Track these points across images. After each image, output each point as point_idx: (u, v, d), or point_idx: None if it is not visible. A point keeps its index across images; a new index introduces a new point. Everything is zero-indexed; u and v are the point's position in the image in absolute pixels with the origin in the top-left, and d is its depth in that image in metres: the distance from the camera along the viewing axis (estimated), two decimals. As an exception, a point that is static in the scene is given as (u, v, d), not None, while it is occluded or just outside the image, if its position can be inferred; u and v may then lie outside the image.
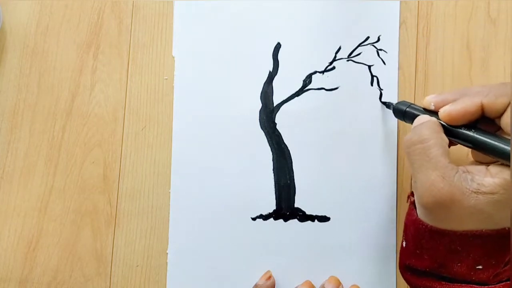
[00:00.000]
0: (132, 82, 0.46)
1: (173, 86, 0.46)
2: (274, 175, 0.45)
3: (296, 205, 0.45)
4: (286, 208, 0.45)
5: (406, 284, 0.44)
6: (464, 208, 0.32)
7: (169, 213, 0.45)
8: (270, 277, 0.44)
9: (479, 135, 0.34)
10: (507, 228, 0.33)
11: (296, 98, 0.45)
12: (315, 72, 0.45)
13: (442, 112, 0.35)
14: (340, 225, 0.44)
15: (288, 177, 0.45)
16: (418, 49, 0.46)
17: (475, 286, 0.34)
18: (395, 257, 0.44)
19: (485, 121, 0.35)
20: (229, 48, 0.46)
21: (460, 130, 0.35)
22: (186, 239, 0.45)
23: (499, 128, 0.35)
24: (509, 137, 0.33)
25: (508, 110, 0.33)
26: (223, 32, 0.46)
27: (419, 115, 0.38)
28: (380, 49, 0.45)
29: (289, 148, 0.45)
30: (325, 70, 0.45)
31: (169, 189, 0.45)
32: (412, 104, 0.40)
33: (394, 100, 0.45)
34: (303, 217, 0.45)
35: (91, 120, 0.46)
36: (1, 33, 0.47)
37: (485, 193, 0.32)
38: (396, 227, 0.44)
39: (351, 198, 0.44)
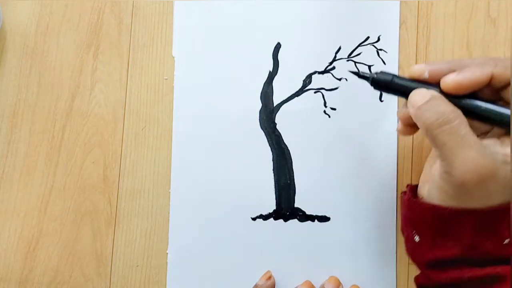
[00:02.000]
0: (132, 82, 0.46)
1: (173, 86, 0.46)
2: (274, 175, 0.45)
3: (296, 205, 0.45)
4: (286, 208, 0.45)
5: (406, 284, 0.44)
6: (498, 181, 0.32)
7: (169, 213, 0.45)
8: (270, 277, 0.44)
9: (486, 104, 0.33)
10: None
11: (296, 98, 0.45)
12: (315, 72, 0.45)
13: (448, 81, 0.34)
14: (340, 225, 0.44)
15: (288, 177, 0.45)
16: (418, 49, 0.46)
17: (505, 266, 0.33)
18: (395, 257, 0.44)
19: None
20: (229, 48, 0.46)
21: (464, 100, 0.34)
22: (186, 239, 0.45)
23: (499, 99, 0.34)
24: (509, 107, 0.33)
25: None
26: (223, 32, 0.46)
27: (407, 86, 0.36)
28: (380, 49, 0.45)
29: (289, 148, 0.45)
30: (325, 70, 0.45)
31: (169, 189, 0.45)
32: (396, 75, 0.37)
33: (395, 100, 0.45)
34: (303, 217, 0.45)
35: (91, 120, 0.46)
36: (1, 33, 0.47)
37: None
38: (396, 227, 0.44)
39: (351, 198, 0.44)
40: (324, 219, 0.45)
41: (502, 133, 0.34)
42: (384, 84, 0.37)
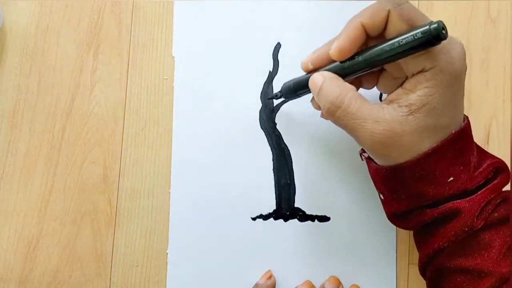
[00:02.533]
0: (132, 82, 0.46)
1: (173, 86, 0.46)
2: (274, 175, 0.45)
3: (296, 205, 0.45)
4: (286, 208, 0.45)
5: (406, 284, 0.44)
6: (411, 132, 0.32)
7: (169, 213, 0.45)
8: (270, 276, 0.44)
9: (376, 48, 0.33)
10: (453, 132, 0.33)
11: (296, 98, 0.45)
12: (315, 72, 0.45)
13: (332, 51, 0.35)
14: (340, 225, 0.44)
15: (288, 177, 0.45)
16: (418, 49, 0.46)
17: (458, 201, 0.34)
18: (395, 257, 0.44)
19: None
20: (229, 48, 0.46)
21: (356, 58, 0.34)
22: (186, 239, 0.45)
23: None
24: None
25: (391, 20, 0.33)
26: (223, 32, 0.46)
27: (306, 81, 0.37)
28: (380, 49, 0.45)
29: (289, 148, 0.45)
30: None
31: (169, 189, 0.45)
32: (293, 78, 0.39)
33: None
34: (303, 217, 0.45)
35: (91, 120, 0.46)
36: (1, 33, 0.47)
37: (418, 108, 0.32)
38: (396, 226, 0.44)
39: (351, 198, 0.44)
40: (324, 219, 0.45)
41: (411, 75, 0.33)
42: (290, 91, 0.39)
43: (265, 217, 0.45)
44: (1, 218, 0.45)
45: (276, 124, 0.45)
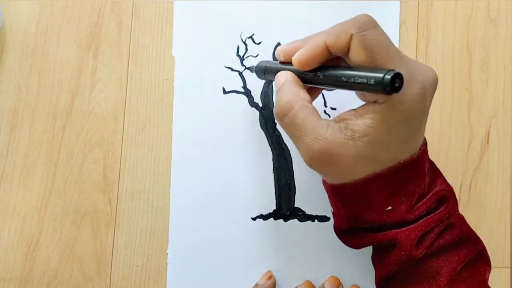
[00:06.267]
0: (132, 82, 0.46)
1: (173, 86, 0.46)
2: (274, 175, 0.45)
3: (296, 205, 0.45)
4: (286, 208, 0.45)
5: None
6: (348, 157, 0.32)
7: (169, 213, 0.45)
8: (270, 276, 0.44)
9: (333, 71, 0.33)
10: (402, 161, 0.33)
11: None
12: (315, 72, 0.45)
13: (294, 60, 0.35)
14: (340, 225, 0.44)
15: (288, 177, 0.45)
16: (418, 49, 0.46)
17: (395, 230, 0.33)
18: (395, 257, 0.44)
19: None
20: (229, 48, 0.46)
21: (317, 73, 0.34)
22: (186, 239, 0.45)
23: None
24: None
25: (352, 45, 0.32)
26: (223, 32, 0.46)
27: (278, 69, 0.37)
28: (380, 49, 0.45)
29: (289, 148, 0.45)
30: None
31: (169, 189, 0.45)
32: (271, 61, 0.40)
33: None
34: (303, 217, 0.45)
35: (91, 120, 0.46)
36: (1, 33, 0.47)
37: (360, 137, 0.31)
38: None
39: (351, 198, 0.44)
40: (324, 219, 0.45)
41: (366, 101, 0.33)
42: (261, 70, 0.40)
43: (265, 217, 0.45)
44: (1, 218, 0.45)
45: (276, 124, 0.45)
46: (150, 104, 0.46)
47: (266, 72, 0.39)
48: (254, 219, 0.45)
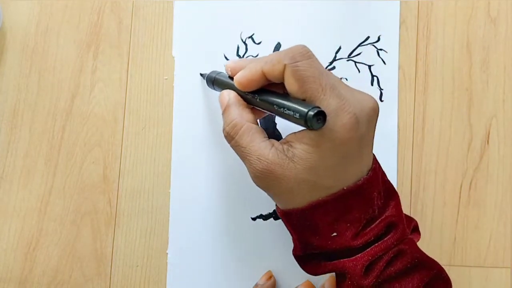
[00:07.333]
0: (132, 82, 0.46)
1: (173, 86, 0.46)
2: (274, 175, 0.45)
3: (296, 205, 0.45)
4: (286, 208, 0.45)
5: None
6: (290, 179, 0.33)
7: (169, 213, 0.45)
8: (270, 277, 0.44)
9: (268, 98, 0.35)
10: (345, 188, 0.33)
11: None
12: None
13: (235, 80, 0.36)
14: (340, 225, 0.44)
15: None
16: (418, 49, 0.46)
17: (343, 259, 0.33)
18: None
19: None
20: (229, 48, 0.46)
21: (255, 96, 0.36)
22: (186, 239, 0.45)
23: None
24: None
25: (285, 75, 0.33)
26: (223, 32, 0.46)
27: (226, 84, 0.38)
28: (380, 49, 0.46)
29: (289, 148, 0.45)
30: (325, 70, 0.45)
31: (169, 189, 0.45)
32: (222, 72, 0.41)
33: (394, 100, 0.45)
34: (303, 217, 0.45)
35: (91, 120, 0.46)
36: (1, 33, 0.47)
37: (298, 160, 0.32)
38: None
39: (351, 198, 0.44)
40: (324, 219, 0.44)
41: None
42: (210, 82, 0.41)
43: (265, 217, 0.45)
44: (1, 218, 0.45)
45: (276, 124, 0.45)
46: (150, 104, 0.46)
47: (214, 83, 0.41)
48: (254, 219, 0.45)
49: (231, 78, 0.38)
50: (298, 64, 0.32)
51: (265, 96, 0.35)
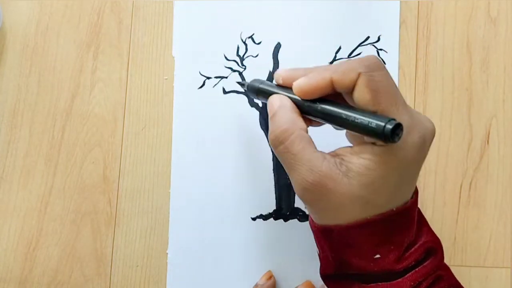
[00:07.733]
0: (132, 82, 0.46)
1: (173, 86, 0.46)
2: (274, 175, 0.45)
3: (296, 205, 0.45)
4: (286, 208, 0.45)
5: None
6: (341, 195, 0.31)
7: (169, 213, 0.45)
8: (270, 277, 0.44)
9: (332, 107, 0.32)
10: (394, 209, 0.31)
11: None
12: (315, 72, 0.45)
13: (295, 85, 0.33)
14: (340, 225, 0.44)
15: (288, 177, 0.45)
16: (418, 49, 0.46)
17: (383, 284, 0.32)
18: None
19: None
20: (229, 48, 0.46)
21: (316, 104, 0.33)
22: (186, 239, 0.45)
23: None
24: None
25: (358, 84, 0.31)
26: (223, 32, 0.46)
27: (272, 92, 0.36)
28: (380, 49, 0.46)
29: (289, 148, 0.45)
30: (325, 70, 0.45)
31: (169, 189, 0.45)
32: (265, 81, 0.38)
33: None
34: (303, 217, 0.45)
35: (91, 120, 0.46)
36: (1, 33, 0.47)
37: (354, 176, 0.30)
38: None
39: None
40: (324, 219, 0.44)
41: (364, 140, 0.32)
42: (254, 91, 0.38)
43: (265, 217, 0.45)
44: (1, 218, 0.45)
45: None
46: (150, 104, 0.46)
47: (258, 93, 0.38)
48: (254, 219, 0.45)
49: (279, 87, 0.36)
50: (374, 74, 0.31)
51: (327, 104, 0.32)
